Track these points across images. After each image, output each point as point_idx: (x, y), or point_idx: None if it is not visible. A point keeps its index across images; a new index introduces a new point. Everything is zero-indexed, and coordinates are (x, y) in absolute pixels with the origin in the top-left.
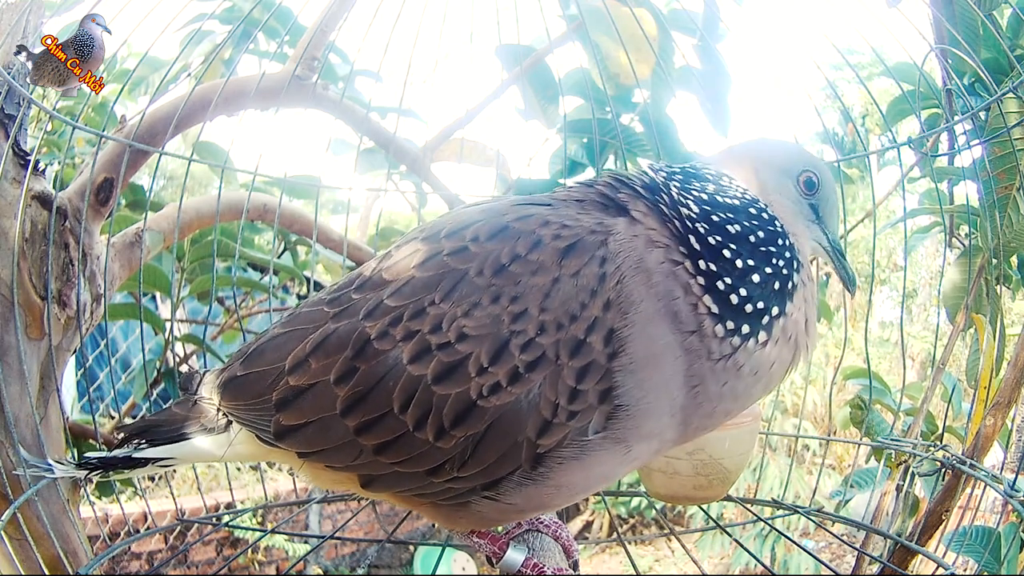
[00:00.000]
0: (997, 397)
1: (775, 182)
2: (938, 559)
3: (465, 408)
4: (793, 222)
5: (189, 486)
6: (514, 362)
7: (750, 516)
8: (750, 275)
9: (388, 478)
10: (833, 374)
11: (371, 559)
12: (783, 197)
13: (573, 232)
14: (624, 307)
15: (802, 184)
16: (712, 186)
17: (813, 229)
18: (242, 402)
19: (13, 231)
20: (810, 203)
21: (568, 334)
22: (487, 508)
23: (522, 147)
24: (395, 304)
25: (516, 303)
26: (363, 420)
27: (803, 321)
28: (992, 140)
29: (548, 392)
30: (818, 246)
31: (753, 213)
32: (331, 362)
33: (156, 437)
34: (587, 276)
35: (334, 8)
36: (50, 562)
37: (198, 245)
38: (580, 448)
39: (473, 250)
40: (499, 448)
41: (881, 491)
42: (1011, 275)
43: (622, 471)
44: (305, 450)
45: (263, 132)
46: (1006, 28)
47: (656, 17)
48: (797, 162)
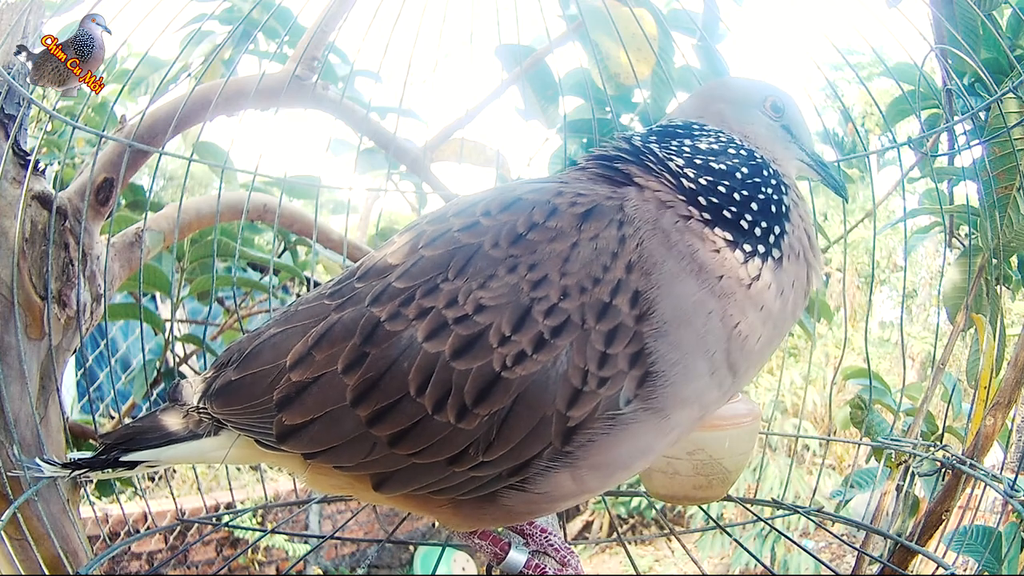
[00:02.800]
0: (997, 397)
1: (744, 115)
2: (938, 559)
3: (488, 382)
4: (771, 147)
5: (189, 486)
6: (538, 328)
7: (750, 516)
8: (748, 203)
9: (404, 474)
10: (833, 374)
11: (371, 559)
12: (756, 126)
13: (589, 199)
14: (648, 269)
15: (769, 109)
16: (688, 140)
17: (791, 148)
18: (239, 407)
19: (13, 231)
20: (782, 125)
21: (593, 297)
22: (515, 500)
23: (522, 147)
24: (404, 285)
25: (535, 271)
26: (376, 408)
27: (805, 237)
28: (992, 140)
29: (576, 358)
30: (801, 163)
31: (732, 152)
32: (337, 351)
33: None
34: (607, 239)
35: (334, 8)
36: (50, 562)
37: (198, 245)
38: (613, 422)
39: (485, 224)
40: (527, 424)
41: (881, 491)
42: (1011, 275)
43: (661, 445)
44: (311, 450)
45: (263, 132)
46: (1006, 28)
47: (656, 17)
48: (759, 92)
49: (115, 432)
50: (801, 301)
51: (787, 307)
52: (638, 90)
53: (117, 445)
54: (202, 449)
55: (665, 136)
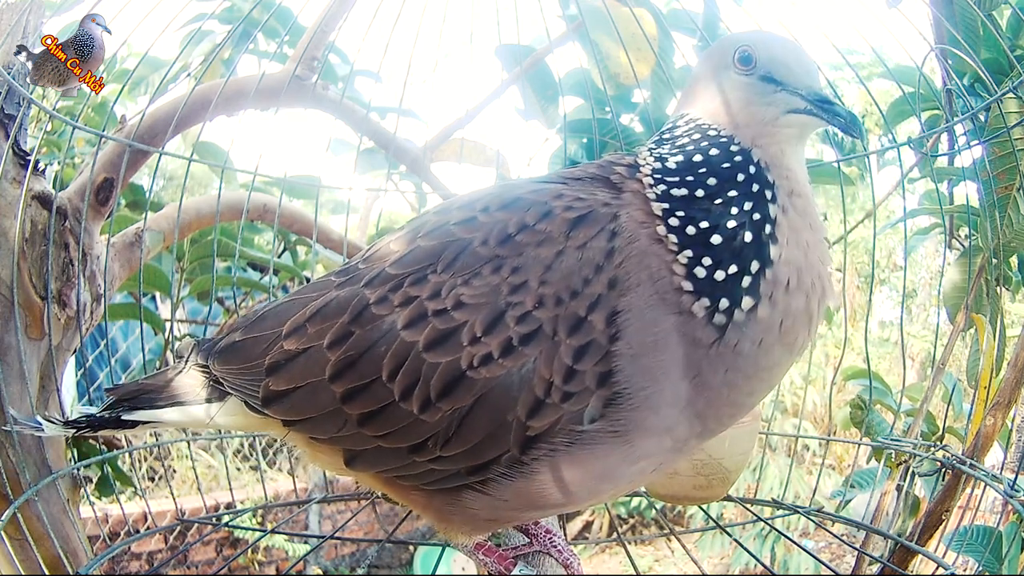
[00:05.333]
0: (997, 397)
1: (720, 83)
2: (938, 559)
3: (454, 378)
4: (752, 119)
5: (189, 486)
6: (508, 333)
7: (750, 516)
8: (708, 238)
9: (370, 454)
10: (833, 374)
11: (371, 559)
12: (731, 91)
13: (586, 204)
14: (628, 287)
15: (738, 64)
16: (667, 145)
17: (778, 100)
18: (235, 366)
19: (13, 231)
20: (759, 77)
21: (568, 310)
22: (477, 503)
23: (522, 147)
24: (396, 272)
25: (517, 274)
26: (350, 387)
27: (800, 256)
28: (992, 140)
29: (542, 369)
30: (795, 116)
31: (699, 160)
32: (328, 326)
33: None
34: (594, 249)
35: (334, 8)
36: (50, 562)
37: (198, 245)
38: (575, 438)
39: (481, 220)
40: (486, 426)
41: (881, 491)
42: (1011, 275)
43: (628, 471)
44: (290, 418)
45: (263, 132)
46: (1006, 28)
47: (656, 17)
48: (728, 48)
49: (125, 386)
50: (802, 337)
51: (771, 355)
52: (638, 90)
53: (124, 400)
54: (201, 413)
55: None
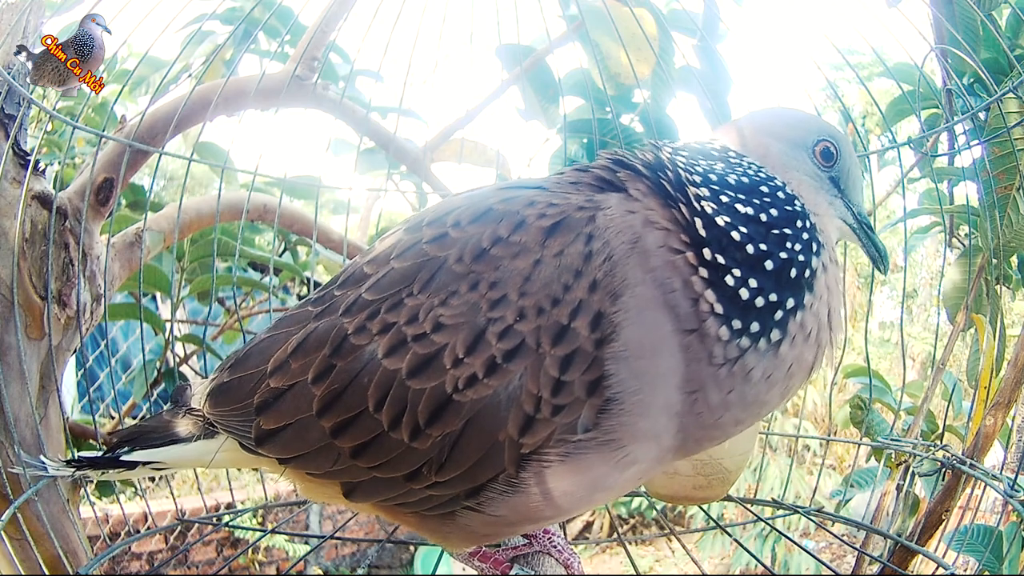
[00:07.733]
0: (997, 397)
1: (790, 156)
2: (938, 559)
3: (440, 404)
4: (814, 200)
5: (189, 486)
6: (491, 351)
7: (750, 516)
8: (762, 262)
9: (368, 485)
10: (833, 374)
11: (371, 559)
12: (800, 172)
13: (559, 210)
14: (616, 289)
15: (819, 155)
16: (720, 164)
17: (836, 205)
18: (226, 408)
19: (13, 231)
20: (830, 176)
21: (550, 319)
22: (474, 521)
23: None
24: (372, 298)
25: (495, 289)
26: (338, 420)
27: (825, 313)
28: (992, 140)
29: (529, 384)
30: (843, 224)
31: (766, 191)
32: (309, 361)
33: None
34: (571, 255)
35: (334, 8)
36: (50, 562)
37: (198, 245)
38: (568, 448)
39: (453, 236)
40: (478, 448)
41: (881, 491)
42: (1011, 275)
43: (619, 479)
44: (284, 456)
45: (263, 132)
46: (1006, 28)
47: (656, 17)
48: (812, 131)
49: (124, 430)
50: (799, 382)
51: (772, 391)
52: (638, 90)
53: (124, 443)
54: (198, 451)
55: (698, 155)
